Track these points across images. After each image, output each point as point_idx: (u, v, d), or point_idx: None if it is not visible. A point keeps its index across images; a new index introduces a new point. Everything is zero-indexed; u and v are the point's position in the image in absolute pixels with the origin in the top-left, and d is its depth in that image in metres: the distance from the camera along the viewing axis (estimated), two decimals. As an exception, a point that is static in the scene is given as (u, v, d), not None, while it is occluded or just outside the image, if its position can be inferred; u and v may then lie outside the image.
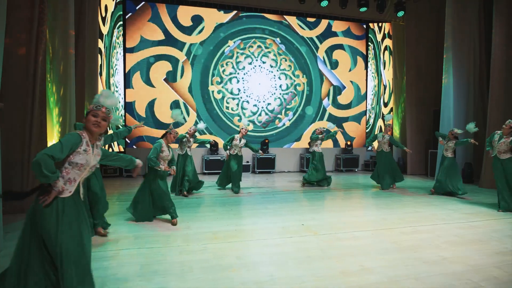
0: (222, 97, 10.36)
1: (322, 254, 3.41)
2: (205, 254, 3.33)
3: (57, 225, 1.99)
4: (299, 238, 3.90)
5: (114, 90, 9.20)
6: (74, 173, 2.07)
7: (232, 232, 4.12)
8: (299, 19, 10.88)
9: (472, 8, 8.46)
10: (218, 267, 3.02)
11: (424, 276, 2.87)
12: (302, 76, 11.02)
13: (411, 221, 4.71)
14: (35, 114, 4.79)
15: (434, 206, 5.73)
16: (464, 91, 8.48)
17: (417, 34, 10.11)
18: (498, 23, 7.46)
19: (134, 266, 3.01)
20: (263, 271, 2.95)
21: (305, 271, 2.96)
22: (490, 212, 5.34)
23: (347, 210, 5.52)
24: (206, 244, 3.65)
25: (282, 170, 10.70)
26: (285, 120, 10.90)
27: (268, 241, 3.81)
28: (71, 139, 2.02)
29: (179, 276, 2.80)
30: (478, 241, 3.84)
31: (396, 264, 3.16)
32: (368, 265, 3.11)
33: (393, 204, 5.88)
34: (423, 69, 10.20)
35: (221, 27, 10.28)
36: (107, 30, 8.83)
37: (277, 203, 5.96)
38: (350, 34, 11.41)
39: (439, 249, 3.56)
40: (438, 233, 4.17)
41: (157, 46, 9.81)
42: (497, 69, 7.49)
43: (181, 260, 3.16)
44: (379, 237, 4.00)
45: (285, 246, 3.62)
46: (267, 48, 10.69)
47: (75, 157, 2.04)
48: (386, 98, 11.23)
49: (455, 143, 6.49)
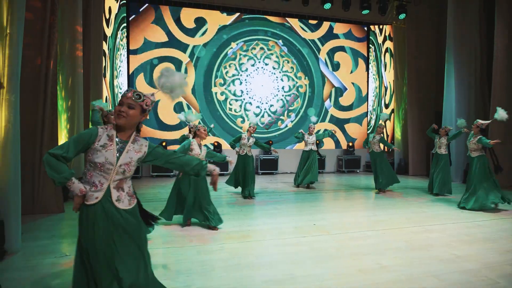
0: (225, 99, 10.41)
1: (338, 253, 3.46)
2: (223, 254, 3.38)
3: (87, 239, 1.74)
4: (313, 238, 3.95)
5: (118, 92, 9.20)
6: (97, 175, 1.73)
7: (245, 232, 4.16)
8: (301, 21, 10.97)
9: (473, 10, 8.60)
10: (238, 266, 3.07)
11: (441, 274, 2.93)
12: (304, 78, 11.10)
13: (419, 221, 4.78)
14: (47, 115, 4.80)
15: (439, 206, 5.82)
16: (466, 92, 8.60)
17: (418, 36, 10.24)
18: (500, 25, 7.58)
19: (156, 266, 3.03)
20: (283, 269, 2.99)
21: (324, 270, 3.01)
22: (495, 211, 5.43)
23: (354, 210, 5.58)
24: (222, 244, 3.69)
25: (285, 171, 10.75)
26: (287, 122, 10.97)
27: (283, 240, 3.86)
28: (83, 133, 1.76)
29: (203, 275, 2.84)
30: (488, 240, 3.92)
31: (411, 262, 3.22)
32: (385, 263, 3.17)
33: (398, 204, 5.95)
34: (424, 71, 10.33)
35: (224, 29, 10.33)
36: (111, 32, 8.84)
37: (285, 203, 6.01)
38: (351, 36, 11.52)
39: (451, 248, 3.63)
40: (448, 232, 4.25)
41: (160, 48, 9.84)
42: (499, 71, 7.62)
43: (201, 260, 3.20)
44: (391, 236, 4.06)
45: (300, 246, 3.67)
46: (269, 50, 10.76)
47: (93, 156, 1.72)
48: (387, 99, 11.35)
49: (447, 138, 6.60)
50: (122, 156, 1.77)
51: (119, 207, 1.78)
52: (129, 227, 1.80)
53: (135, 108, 1.78)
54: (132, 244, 1.80)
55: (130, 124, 1.81)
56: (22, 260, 3.17)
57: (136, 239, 1.82)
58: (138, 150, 1.85)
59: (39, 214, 4.77)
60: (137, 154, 1.84)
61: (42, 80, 4.76)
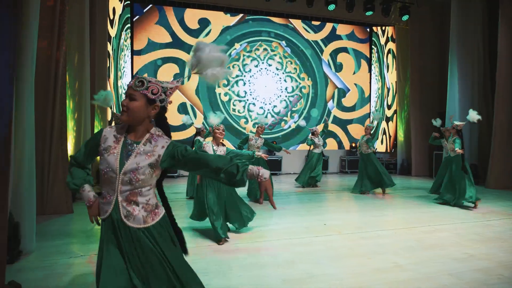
0: (228, 100, 10.43)
1: (352, 252, 3.48)
2: (238, 254, 3.38)
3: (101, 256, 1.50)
4: (325, 238, 3.97)
5: (122, 92, 9.20)
6: (105, 185, 1.48)
7: (257, 233, 4.18)
8: (304, 22, 11.01)
9: (476, 11, 8.66)
10: (255, 265, 3.08)
11: (457, 272, 2.95)
12: (308, 79, 11.14)
13: (428, 220, 4.81)
14: (56, 115, 4.80)
15: (447, 206, 5.84)
16: (469, 93, 8.65)
17: (421, 37, 10.30)
18: (504, 26, 7.64)
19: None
20: (301, 268, 3.00)
21: (340, 269, 3.02)
22: (502, 211, 5.47)
23: (362, 210, 5.60)
24: (236, 244, 3.70)
25: (288, 172, 10.77)
26: (290, 122, 11.00)
27: (295, 240, 3.87)
28: (94, 134, 1.55)
29: (221, 274, 2.84)
30: (499, 239, 3.95)
31: (425, 261, 3.24)
32: (400, 262, 3.19)
33: (407, 204, 5.99)
34: (427, 72, 10.38)
35: (227, 30, 10.36)
36: (115, 32, 8.84)
37: (292, 204, 6.03)
38: (354, 37, 11.58)
39: (463, 247, 3.65)
40: (457, 231, 4.27)
41: (164, 49, 9.85)
42: (503, 72, 7.67)
43: (217, 259, 3.20)
44: (402, 235, 4.08)
45: (313, 245, 3.68)
46: (273, 51, 10.80)
47: (100, 162, 1.48)
48: (390, 100, 11.40)
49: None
50: (128, 161, 1.43)
51: (129, 224, 1.43)
52: (146, 249, 1.45)
53: (137, 99, 1.42)
54: (159, 268, 1.47)
55: (137, 120, 1.45)
56: (37, 260, 3.17)
57: (160, 263, 1.47)
58: (151, 153, 1.45)
59: (49, 215, 4.77)
60: (148, 158, 1.44)
61: (52, 80, 4.75)
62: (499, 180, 7.65)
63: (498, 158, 7.68)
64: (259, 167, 1.44)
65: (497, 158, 7.69)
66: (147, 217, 1.47)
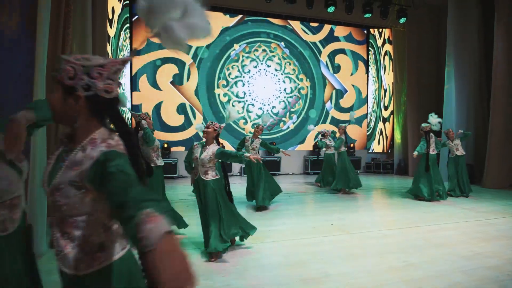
0: (228, 100, 10.43)
1: (363, 251, 3.53)
2: (251, 254, 3.40)
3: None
4: (334, 237, 4.01)
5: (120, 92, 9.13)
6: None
7: (265, 233, 4.19)
8: (302, 24, 11.09)
9: (473, 14, 8.83)
10: (270, 265, 3.10)
11: (468, 270, 3.02)
12: (306, 80, 11.22)
13: (432, 220, 4.89)
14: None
15: (448, 206, 5.95)
16: (465, 95, 8.82)
17: (418, 40, 10.45)
18: (500, 29, 7.81)
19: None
20: (316, 268, 3.04)
21: (354, 268, 3.07)
22: (502, 210, 5.59)
23: (367, 210, 5.67)
24: (248, 245, 3.71)
25: (287, 173, 10.82)
26: (289, 123, 11.05)
27: (305, 240, 3.91)
28: None
29: (238, 275, 2.86)
30: (504, 237, 4.04)
31: (435, 259, 3.30)
32: (411, 260, 3.25)
33: (408, 204, 6.07)
34: (424, 74, 10.53)
35: (227, 30, 10.37)
36: (113, 32, 8.78)
37: (296, 204, 6.07)
38: (351, 39, 11.70)
39: (470, 245, 3.73)
40: (462, 230, 4.36)
41: (163, 49, 9.80)
42: (499, 74, 7.84)
43: (232, 260, 3.22)
44: (409, 235, 4.15)
45: (323, 245, 3.72)
46: (271, 52, 10.84)
47: None
48: (387, 101, 11.55)
49: (460, 138, 6.81)
50: (56, 177, 1.01)
51: (63, 270, 1.02)
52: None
53: (55, 90, 1.03)
54: None
55: (63, 119, 1.04)
56: (49, 263, 3.14)
57: None
58: (78, 166, 0.98)
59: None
60: (74, 170, 0.98)
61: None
62: (495, 180, 7.82)
63: (494, 159, 7.84)
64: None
65: (493, 158, 7.86)
66: (81, 262, 1.00)
